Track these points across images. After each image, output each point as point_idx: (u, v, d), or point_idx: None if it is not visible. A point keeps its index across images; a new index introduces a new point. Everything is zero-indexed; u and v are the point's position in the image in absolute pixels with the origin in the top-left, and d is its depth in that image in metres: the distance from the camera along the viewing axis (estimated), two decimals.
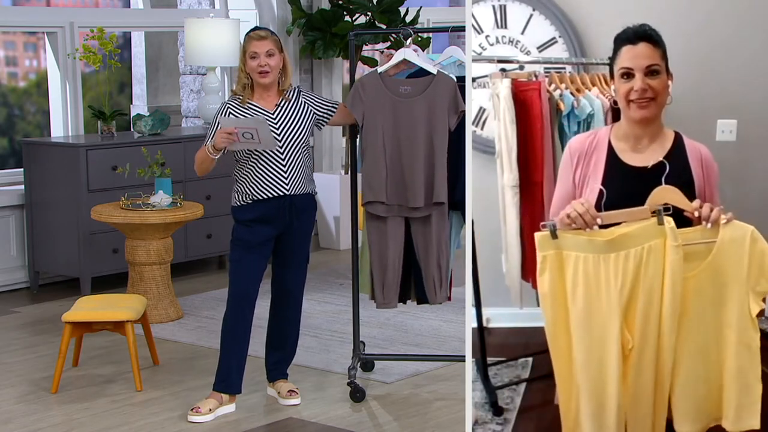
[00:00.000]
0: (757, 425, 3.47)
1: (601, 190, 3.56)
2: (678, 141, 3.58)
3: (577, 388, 3.52)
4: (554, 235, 3.47)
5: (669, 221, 3.41)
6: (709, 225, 3.41)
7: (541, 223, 3.52)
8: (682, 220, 3.46)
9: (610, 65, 3.61)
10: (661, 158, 3.56)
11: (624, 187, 3.55)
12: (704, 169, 3.57)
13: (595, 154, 3.60)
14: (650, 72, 3.51)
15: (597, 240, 3.45)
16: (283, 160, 4.98)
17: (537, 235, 3.50)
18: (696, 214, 3.43)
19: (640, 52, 3.51)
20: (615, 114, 3.74)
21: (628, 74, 3.53)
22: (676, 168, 3.55)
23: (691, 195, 3.53)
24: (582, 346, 3.49)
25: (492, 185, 4.04)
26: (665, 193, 3.45)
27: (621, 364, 3.47)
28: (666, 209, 3.42)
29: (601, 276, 3.45)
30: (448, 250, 5.12)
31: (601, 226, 3.46)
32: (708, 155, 3.58)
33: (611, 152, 3.59)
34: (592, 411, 3.51)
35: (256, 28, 5.05)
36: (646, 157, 3.57)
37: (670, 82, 3.55)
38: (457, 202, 5.06)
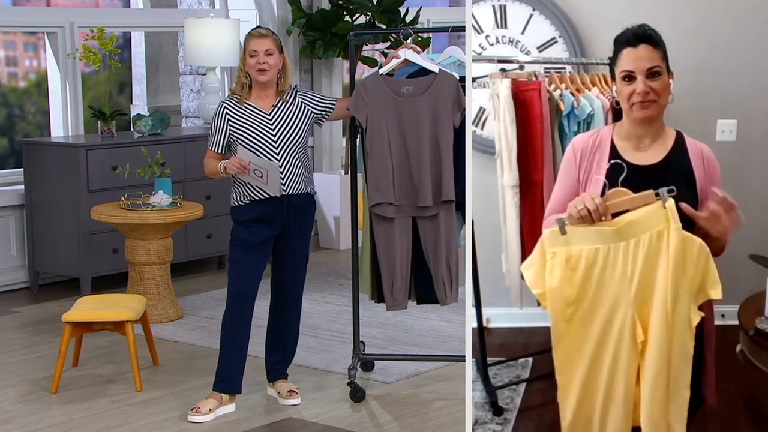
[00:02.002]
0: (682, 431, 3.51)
1: (604, 187, 3.57)
2: (679, 140, 3.60)
3: (580, 382, 3.52)
4: (563, 231, 3.48)
5: (670, 202, 3.41)
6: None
7: (550, 219, 3.53)
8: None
9: (611, 66, 3.62)
10: (662, 157, 3.58)
11: (626, 185, 3.56)
12: (706, 167, 3.58)
13: (598, 153, 3.62)
14: (652, 74, 3.52)
15: (606, 230, 3.46)
16: (280, 160, 4.98)
17: (546, 231, 3.50)
18: None
19: (640, 54, 3.52)
20: (616, 114, 3.75)
21: (629, 77, 3.54)
22: (678, 166, 3.56)
23: (692, 193, 3.54)
24: (593, 339, 3.49)
25: (492, 185, 4.03)
26: (616, 195, 3.47)
27: (634, 357, 3.47)
28: (670, 191, 3.42)
29: (615, 265, 3.46)
30: (457, 250, 5.11)
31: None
32: (710, 154, 3.59)
33: (614, 151, 3.61)
34: (601, 406, 3.51)
35: (257, 28, 5.07)
36: (648, 156, 3.59)
37: (671, 81, 3.56)
38: (457, 202, 5.06)
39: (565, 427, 3.58)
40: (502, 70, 3.99)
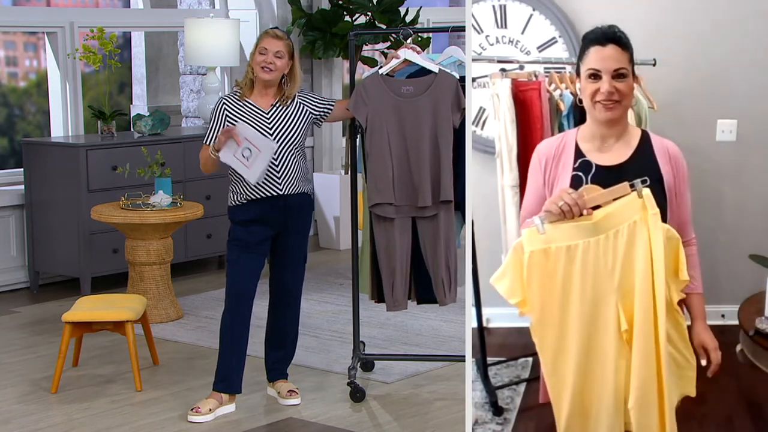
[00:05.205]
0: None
1: (573, 180, 3.58)
2: (645, 139, 3.61)
3: (571, 381, 3.52)
4: (543, 229, 3.49)
5: (646, 191, 3.43)
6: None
7: (527, 220, 3.54)
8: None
9: (577, 62, 3.63)
10: (627, 157, 3.58)
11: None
12: (673, 165, 3.59)
13: (564, 157, 3.63)
14: (617, 75, 3.54)
15: (584, 224, 3.48)
16: (276, 160, 4.98)
17: (525, 231, 3.51)
18: None
19: (608, 54, 3.54)
20: (579, 112, 3.75)
21: (595, 75, 3.56)
22: (644, 165, 3.56)
23: (660, 191, 3.55)
24: (579, 334, 3.49)
25: (492, 185, 4.03)
26: (590, 192, 3.49)
27: (621, 349, 3.47)
28: (643, 181, 3.44)
29: (596, 258, 3.47)
30: (456, 251, 5.10)
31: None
32: (676, 152, 3.60)
33: (578, 153, 3.62)
34: (592, 400, 3.51)
35: (275, 28, 5.09)
36: (612, 156, 3.60)
37: (635, 84, 3.58)
38: (457, 202, 5.06)
39: (561, 429, 3.57)
40: (502, 70, 3.99)
